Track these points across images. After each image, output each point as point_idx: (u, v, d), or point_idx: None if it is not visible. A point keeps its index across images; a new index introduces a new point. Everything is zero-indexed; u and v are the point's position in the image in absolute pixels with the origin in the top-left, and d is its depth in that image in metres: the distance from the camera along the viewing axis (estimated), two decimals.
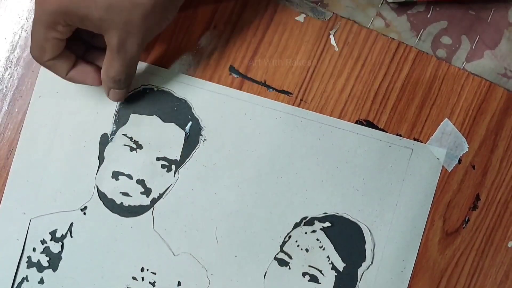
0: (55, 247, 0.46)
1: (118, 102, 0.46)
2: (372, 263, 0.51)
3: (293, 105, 0.49)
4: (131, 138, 0.47)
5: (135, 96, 0.47)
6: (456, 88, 0.51)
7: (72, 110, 0.46)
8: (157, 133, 0.47)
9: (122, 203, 0.47)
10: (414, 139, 0.51)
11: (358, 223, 0.50)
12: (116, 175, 0.46)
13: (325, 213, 0.50)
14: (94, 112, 0.46)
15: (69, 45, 0.41)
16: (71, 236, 0.46)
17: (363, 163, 0.50)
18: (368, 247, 0.51)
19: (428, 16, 0.52)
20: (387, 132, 0.51)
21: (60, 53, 0.40)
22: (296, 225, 0.50)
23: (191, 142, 0.47)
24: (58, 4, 0.37)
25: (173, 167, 0.47)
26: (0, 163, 0.46)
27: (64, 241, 0.46)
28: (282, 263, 0.50)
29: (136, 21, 0.38)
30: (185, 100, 0.47)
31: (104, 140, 0.46)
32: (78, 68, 0.42)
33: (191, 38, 0.47)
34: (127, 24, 0.38)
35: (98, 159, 0.46)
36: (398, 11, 0.51)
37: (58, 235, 0.46)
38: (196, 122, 0.47)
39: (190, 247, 0.48)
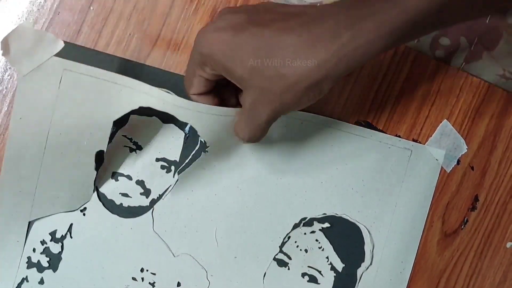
0: (55, 248, 0.47)
1: (115, 122, 0.46)
2: (371, 263, 0.51)
3: None
4: (130, 139, 0.47)
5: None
6: (455, 89, 0.52)
7: (72, 111, 0.46)
8: (156, 134, 0.47)
9: (121, 203, 0.47)
10: (413, 140, 0.52)
11: (357, 224, 0.51)
12: (115, 176, 0.47)
13: (324, 214, 0.50)
14: (88, 133, 0.44)
15: (220, 88, 0.42)
16: (71, 237, 0.47)
17: (362, 164, 0.51)
18: (367, 248, 0.51)
19: None
20: (386, 133, 0.51)
21: (204, 91, 0.41)
22: (295, 225, 0.50)
23: (190, 143, 0.48)
24: (210, 49, 0.37)
25: (173, 168, 0.48)
26: (0, 164, 0.46)
27: (64, 241, 0.47)
28: (281, 263, 0.50)
29: (274, 91, 0.37)
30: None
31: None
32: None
33: (191, 39, 0.48)
34: (264, 91, 0.37)
35: (98, 160, 0.47)
36: None
37: (58, 235, 0.47)
38: None
39: (190, 248, 0.48)
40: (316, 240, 0.50)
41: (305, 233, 0.50)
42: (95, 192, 0.47)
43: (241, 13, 0.38)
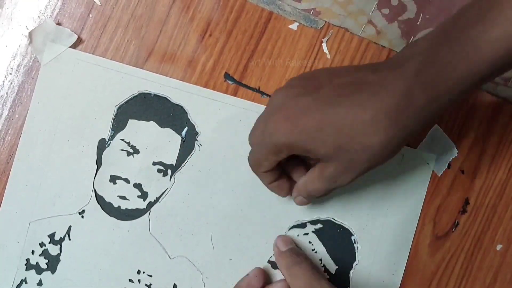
0: (53, 250, 0.50)
1: (116, 107, 0.51)
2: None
3: None
4: (128, 143, 0.51)
5: (133, 102, 0.51)
6: None
7: (71, 115, 0.50)
8: (154, 138, 0.51)
9: (119, 206, 0.51)
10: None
11: (350, 227, 0.55)
12: (113, 179, 0.51)
13: (318, 217, 0.54)
14: (92, 118, 0.51)
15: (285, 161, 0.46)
16: (69, 239, 0.51)
17: None
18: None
19: (418, 23, 0.57)
20: None
21: (272, 168, 0.46)
22: (289, 228, 0.54)
23: (187, 147, 0.52)
24: (287, 139, 0.42)
25: (169, 171, 0.52)
26: (0, 168, 0.50)
27: (63, 243, 0.51)
28: (275, 266, 0.54)
29: (360, 161, 0.42)
30: (181, 106, 0.52)
31: (102, 145, 0.51)
32: (279, 182, 0.48)
33: (187, 46, 0.52)
34: (350, 161, 0.42)
35: (96, 163, 0.51)
36: (389, 18, 0.56)
37: (57, 238, 0.50)
38: (191, 127, 0.52)
39: (186, 250, 0.52)
40: (310, 242, 0.54)
41: (298, 235, 0.54)
42: (94, 195, 0.51)
43: (304, 96, 0.42)
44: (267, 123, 0.43)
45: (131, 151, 0.51)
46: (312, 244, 0.54)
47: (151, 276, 0.52)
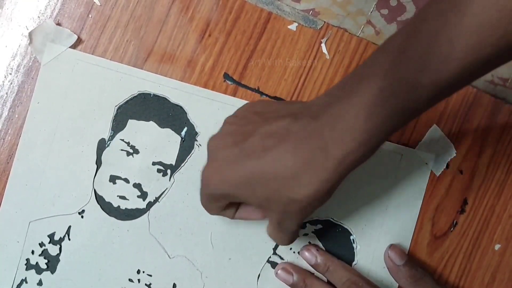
0: (53, 250, 0.51)
1: (116, 107, 0.51)
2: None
3: None
4: (128, 143, 0.52)
5: (133, 102, 0.51)
6: None
7: (71, 116, 0.51)
8: (153, 138, 0.52)
9: (119, 206, 0.51)
10: (404, 145, 0.56)
11: (349, 227, 0.55)
12: (113, 179, 0.51)
13: (317, 217, 0.55)
14: (92, 118, 0.51)
15: None
16: (69, 239, 0.51)
17: None
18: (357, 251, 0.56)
19: None
20: None
21: (224, 208, 0.47)
22: None
23: (186, 147, 0.52)
24: (220, 190, 0.43)
25: (169, 171, 0.52)
26: (0, 168, 0.50)
27: (62, 243, 0.51)
28: (274, 266, 0.54)
29: (293, 212, 0.42)
30: (180, 106, 0.52)
31: (102, 145, 0.51)
32: (242, 208, 0.48)
33: (186, 46, 0.52)
34: (284, 212, 0.42)
35: (96, 163, 0.51)
36: (388, 19, 0.57)
37: (56, 238, 0.51)
38: (191, 127, 0.52)
39: (185, 250, 0.53)
40: (309, 243, 0.55)
41: None
42: (93, 195, 0.51)
43: (232, 147, 0.42)
44: (203, 173, 0.44)
45: (131, 151, 0.52)
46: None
47: (150, 275, 0.52)
